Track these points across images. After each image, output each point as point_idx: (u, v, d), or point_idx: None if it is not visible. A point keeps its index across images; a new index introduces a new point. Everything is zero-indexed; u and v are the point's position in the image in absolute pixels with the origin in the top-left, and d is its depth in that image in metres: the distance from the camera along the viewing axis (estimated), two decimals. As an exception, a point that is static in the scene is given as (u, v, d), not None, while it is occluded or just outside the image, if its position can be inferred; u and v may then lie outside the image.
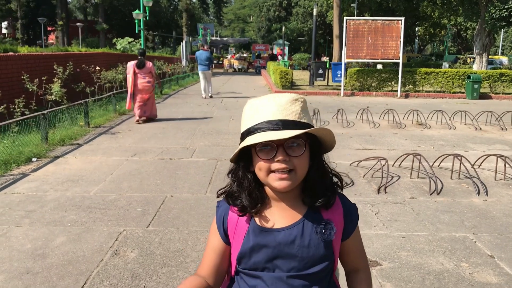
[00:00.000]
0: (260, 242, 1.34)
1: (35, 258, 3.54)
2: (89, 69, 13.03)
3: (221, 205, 1.45)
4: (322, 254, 1.34)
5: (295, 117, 1.28)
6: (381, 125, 10.25)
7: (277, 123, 1.26)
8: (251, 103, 1.34)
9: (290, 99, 1.30)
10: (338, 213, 1.40)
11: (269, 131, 1.25)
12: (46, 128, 7.48)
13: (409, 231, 4.20)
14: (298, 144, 1.27)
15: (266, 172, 1.28)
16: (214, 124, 10.25)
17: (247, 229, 1.37)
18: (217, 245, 1.42)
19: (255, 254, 1.34)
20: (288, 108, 1.28)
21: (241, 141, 1.32)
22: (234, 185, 1.38)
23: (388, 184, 5.60)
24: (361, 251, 1.52)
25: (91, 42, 37.01)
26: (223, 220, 1.41)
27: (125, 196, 5.07)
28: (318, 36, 43.56)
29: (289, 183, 1.27)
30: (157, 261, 3.53)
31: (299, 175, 1.29)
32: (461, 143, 8.40)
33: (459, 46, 48.84)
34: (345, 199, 1.45)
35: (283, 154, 1.26)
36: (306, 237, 1.34)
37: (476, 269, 3.47)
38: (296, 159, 1.27)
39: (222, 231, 1.41)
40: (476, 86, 16.90)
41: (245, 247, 1.35)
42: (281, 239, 1.33)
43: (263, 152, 1.27)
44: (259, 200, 1.36)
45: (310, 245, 1.33)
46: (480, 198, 5.21)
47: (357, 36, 17.28)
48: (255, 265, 1.35)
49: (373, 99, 16.91)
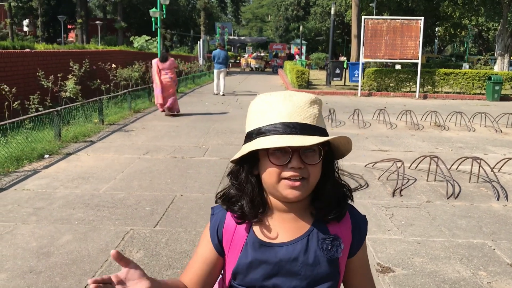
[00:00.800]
0: (259, 258, 1.20)
1: (39, 256, 3.48)
2: (105, 67, 13.07)
3: (216, 212, 1.29)
4: (326, 272, 1.20)
5: (313, 121, 1.14)
6: (398, 126, 10.05)
7: (295, 127, 1.11)
8: (262, 99, 1.19)
9: (309, 100, 1.16)
10: (346, 227, 1.24)
11: (285, 135, 1.11)
12: (59, 125, 7.48)
13: (424, 237, 4.04)
14: (313, 150, 1.14)
15: (276, 178, 1.14)
16: (229, 123, 10.17)
17: (245, 241, 1.22)
18: (208, 255, 1.27)
19: (253, 270, 1.20)
20: (306, 111, 1.14)
21: (247, 140, 1.18)
22: (234, 188, 1.23)
23: (403, 187, 5.44)
24: (368, 272, 1.35)
25: (110, 40, 37.34)
26: (218, 229, 1.26)
27: (135, 195, 5.00)
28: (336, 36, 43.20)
29: (301, 192, 1.14)
30: (162, 262, 3.45)
31: (311, 184, 1.15)
32: (481, 146, 8.16)
33: (480, 47, 47.99)
34: (354, 210, 1.30)
35: (298, 161, 1.11)
36: (311, 254, 1.19)
37: (494, 278, 3.31)
38: (311, 167, 1.13)
39: (216, 241, 1.26)
40: (497, 87, 16.52)
41: (242, 261, 1.21)
42: (282, 256, 1.19)
43: (275, 156, 1.13)
44: (261, 208, 1.21)
45: (314, 262, 1.19)
46: (499, 203, 5.01)
47: (375, 36, 17.04)
48: (252, 282, 1.21)
49: (391, 99, 16.65)
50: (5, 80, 8.81)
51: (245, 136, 1.21)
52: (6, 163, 5.89)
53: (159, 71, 10.96)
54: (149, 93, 13.73)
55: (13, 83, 8.80)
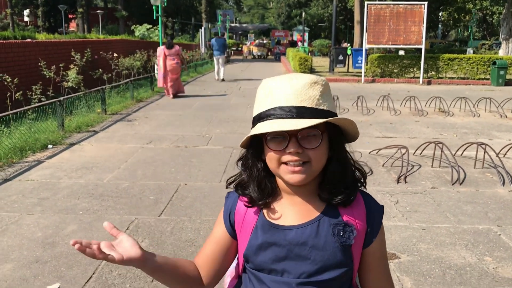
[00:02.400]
0: (268, 240, 1.19)
1: (45, 246, 3.49)
2: (107, 56, 13.03)
3: (230, 196, 1.31)
4: (338, 259, 1.17)
5: (312, 103, 1.11)
6: (402, 113, 9.99)
7: (291, 110, 1.09)
8: (265, 83, 1.17)
9: (308, 82, 1.13)
10: (359, 214, 1.21)
11: (281, 119, 1.09)
12: (62, 115, 7.47)
13: (429, 223, 4.03)
14: (314, 135, 1.11)
15: (276, 163, 1.13)
16: (231, 111, 10.14)
17: (255, 223, 1.22)
18: (220, 237, 1.28)
19: (262, 252, 1.19)
20: (304, 93, 1.11)
21: (252, 126, 1.18)
22: (244, 173, 1.24)
23: (408, 173, 5.42)
24: (385, 270, 1.30)
25: (111, 29, 37.15)
26: (230, 212, 1.28)
27: (139, 184, 5.00)
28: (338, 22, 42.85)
29: (303, 176, 1.12)
30: (167, 251, 3.45)
31: (315, 168, 1.13)
32: (486, 131, 8.11)
33: (484, 32, 47.53)
34: (370, 198, 1.26)
35: (295, 146, 1.09)
36: (321, 238, 1.17)
37: (500, 264, 3.30)
38: (311, 151, 1.11)
39: (228, 223, 1.27)
40: (502, 72, 16.39)
41: (252, 243, 1.21)
42: (291, 238, 1.17)
43: (273, 142, 1.12)
44: (269, 192, 1.20)
45: (325, 248, 1.16)
46: (505, 188, 4.99)
47: (378, 21, 16.88)
48: (261, 265, 1.20)
49: (395, 85, 16.56)
50: (7, 70, 8.79)
51: (252, 120, 1.21)
52: (10, 153, 5.89)
53: (164, 57, 12.05)
54: (151, 82, 13.69)
55: (15, 73, 8.78)
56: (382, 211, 1.27)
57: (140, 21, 30.05)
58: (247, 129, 8.09)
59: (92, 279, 3.03)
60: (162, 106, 10.97)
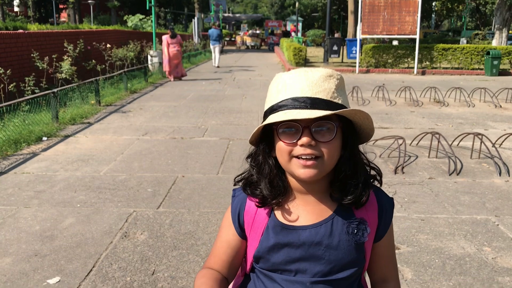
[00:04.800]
0: (281, 241, 1.16)
1: (43, 240, 3.47)
2: (100, 47, 12.91)
3: (237, 195, 1.26)
4: (352, 258, 1.16)
5: (327, 95, 1.08)
6: (397, 103, 10.00)
7: (305, 101, 1.06)
8: (279, 77, 1.15)
9: (324, 75, 1.10)
10: (372, 210, 1.20)
11: (294, 110, 1.06)
12: (56, 107, 7.40)
13: (428, 213, 4.04)
14: (328, 128, 1.08)
15: (287, 157, 1.10)
16: (227, 102, 10.09)
17: (266, 224, 1.18)
18: (231, 238, 1.24)
19: (275, 254, 1.17)
20: (320, 85, 1.09)
21: (263, 120, 1.14)
22: (254, 171, 1.19)
23: (405, 164, 5.42)
24: (392, 257, 1.31)
25: (103, 20, 36.79)
26: (239, 213, 1.23)
27: (136, 176, 4.97)
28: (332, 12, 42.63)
29: (315, 171, 1.08)
30: (167, 243, 3.43)
31: (327, 164, 1.10)
32: (481, 121, 8.14)
33: (477, 22, 47.57)
34: (381, 193, 1.25)
35: (308, 138, 1.06)
36: (335, 237, 1.15)
37: (499, 254, 3.32)
38: (324, 145, 1.07)
39: (237, 224, 1.23)
40: (496, 62, 16.43)
41: (264, 245, 1.18)
42: (306, 239, 1.15)
43: (285, 134, 1.09)
44: (281, 191, 1.17)
45: (339, 247, 1.15)
46: (501, 178, 5.01)
47: (373, 11, 16.83)
48: (274, 266, 1.18)
49: (389, 76, 16.56)
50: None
51: (263, 115, 1.17)
52: (4, 146, 5.83)
53: (168, 45, 13.88)
54: (145, 73, 13.60)
55: (7, 65, 8.67)
56: (393, 204, 1.26)
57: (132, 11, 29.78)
58: (243, 120, 8.11)
59: (92, 272, 3.01)
60: (156, 97, 10.90)
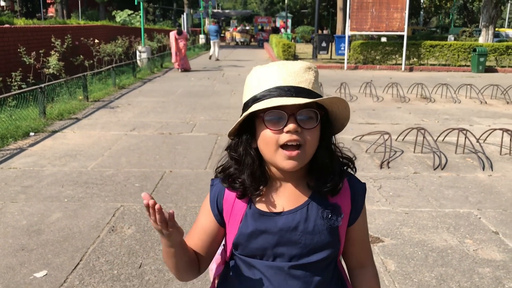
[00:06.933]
0: (259, 228, 1.19)
1: (30, 234, 3.47)
2: (88, 42, 12.83)
3: (216, 184, 1.28)
4: (327, 241, 1.20)
5: (308, 85, 1.12)
6: (384, 99, 10.09)
7: (290, 89, 1.10)
8: (257, 70, 1.17)
9: (304, 67, 1.15)
10: (345, 195, 1.25)
11: (281, 97, 1.09)
12: (44, 102, 7.36)
13: (412, 207, 4.11)
14: (310, 117, 1.12)
15: (274, 146, 1.12)
16: (215, 98, 10.10)
17: (245, 211, 1.21)
18: (208, 225, 1.27)
19: (254, 240, 1.20)
20: (301, 75, 1.13)
21: (244, 111, 1.16)
22: (233, 162, 1.21)
23: (391, 159, 5.50)
24: (367, 242, 1.36)
25: (91, 15, 36.45)
26: (217, 200, 1.26)
27: (123, 172, 4.98)
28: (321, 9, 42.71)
29: (297, 162, 1.12)
30: (154, 237, 3.46)
31: (308, 152, 1.13)
32: (466, 117, 8.25)
33: (465, 19, 47.95)
34: (354, 179, 1.29)
35: (294, 125, 1.09)
36: (311, 222, 1.19)
37: (480, 246, 3.39)
38: (308, 132, 1.11)
39: (216, 211, 1.26)
40: (482, 59, 16.62)
41: (243, 232, 1.21)
42: (282, 225, 1.19)
43: (271, 122, 1.11)
44: (262, 181, 1.19)
45: (314, 231, 1.19)
46: (485, 173, 5.10)
47: (361, 8, 16.91)
48: (253, 252, 1.21)
49: (377, 72, 16.67)
50: (-14, 57, 8.61)
51: (242, 108, 1.19)
52: (-9, 141, 5.80)
53: (176, 40, 15.66)
54: (133, 69, 13.55)
55: (-7, 60, 8.59)
56: (365, 189, 1.31)
57: (121, 7, 29.55)
58: (231, 116, 8.12)
59: (80, 265, 3.03)
60: (145, 92, 10.88)
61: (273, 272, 1.20)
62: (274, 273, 1.20)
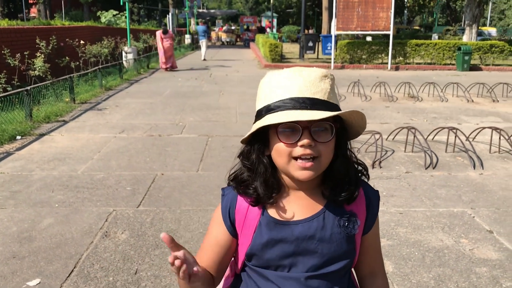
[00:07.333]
0: (275, 237, 1.16)
1: (21, 241, 3.39)
2: (73, 43, 12.66)
3: (227, 193, 1.24)
4: (344, 250, 1.18)
5: (324, 96, 1.09)
6: (372, 98, 10.12)
7: (305, 101, 1.06)
8: (271, 76, 1.14)
9: (320, 75, 1.11)
10: (360, 203, 1.22)
11: (295, 110, 1.06)
12: (30, 105, 7.24)
13: (406, 207, 4.12)
14: (325, 128, 1.09)
15: (287, 158, 1.10)
16: (204, 99, 10.04)
17: (259, 220, 1.18)
18: (221, 237, 1.23)
19: (269, 250, 1.17)
20: (317, 85, 1.09)
21: (257, 118, 1.13)
22: (246, 169, 1.18)
23: (382, 159, 5.51)
24: (379, 250, 1.34)
25: (75, 15, 36.03)
26: (230, 211, 1.22)
27: (114, 175, 4.91)
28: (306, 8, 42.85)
29: (313, 173, 1.10)
30: (149, 242, 3.41)
31: (324, 163, 1.11)
32: (454, 116, 8.32)
33: (448, 17, 48.51)
34: (367, 186, 1.27)
35: (309, 138, 1.07)
36: (327, 230, 1.17)
37: (476, 245, 3.41)
38: (323, 145, 1.08)
39: (229, 222, 1.22)
40: (467, 57, 16.80)
41: (257, 242, 1.17)
42: (299, 233, 1.16)
43: (285, 134, 1.08)
44: (275, 189, 1.17)
45: (331, 240, 1.16)
46: (476, 171, 5.14)
47: (347, 8, 16.97)
48: (268, 262, 1.18)
49: (364, 71, 16.75)
50: (-31, 59, 8.44)
51: (255, 114, 1.17)
52: (-23, 146, 5.68)
53: (161, 40, 15.79)
54: (120, 70, 13.41)
55: (-23, 62, 8.43)
56: (379, 197, 1.29)
57: (105, 7, 29.26)
58: (221, 117, 8.08)
59: (74, 273, 2.97)
60: (132, 94, 10.77)
61: (288, 283, 1.17)
62: (289, 284, 1.17)
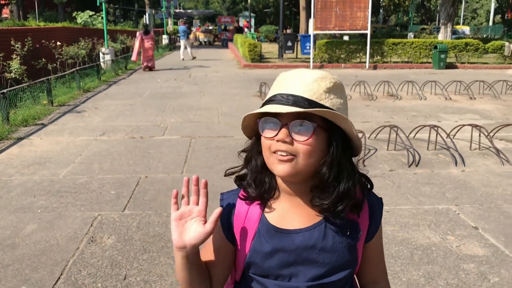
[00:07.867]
0: (275, 246, 1.13)
1: (4, 249, 3.30)
2: (50, 45, 12.41)
3: (225, 198, 1.22)
4: (346, 259, 1.15)
5: (312, 96, 1.06)
6: (352, 97, 10.20)
7: (288, 97, 1.05)
8: (282, 74, 1.14)
9: (316, 76, 1.09)
10: (363, 211, 1.19)
11: (277, 105, 1.06)
12: (6, 108, 7.06)
13: (392, 205, 4.15)
14: (306, 127, 1.05)
15: (267, 152, 1.09)
16: (185, 99, 9.97)
17: (257, 227, 1.15)
18: (220, 244, 1.20)
19: (269, 259, 1.14)
20: (308, 85, 1.07)
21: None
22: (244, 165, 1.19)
23: (366, 157, 5.55)
24: (382, 258, 1.31)
25: (49, 16, 35.37)
26: (228, 216, 1.19)
27: (97, 178, 4.82)
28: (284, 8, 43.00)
29: (290, 169, 1.06)
30: (136, 247, 3.35)
31: (301, 164, 1.06)
32: (433, 114, 8.44)
33: (422, 17, 49.25)
34: (371, 194, 1.23)
35: (284, 134, 1.05)
36: (329, 240, 1.14)
37: (462, 242, 3.45)
38: (300, 144, 1.05)
39: (226, 229, 1.20)
40: (443, 56, 17.07)
41: (256, 250, 1.15)
42: (299, 243, 1.13)
43: (267, 129, 1.09)
44: (266, 189, 1.14)
45: (333, 249, 1.14)
46: (458, 168, 5.22)
47: (325, 7, 17.06)
48: (267, 271, 1.15)
49: (343, 71, 16.87)
50: None
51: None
52: (-48, 151, 5.51)
53: (142, 40, 15.92)
54: (97, 71, 13.21)
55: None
56: (382, 204, 1.26)
57: (80, 8, 28.82)
58: (203, 118, 8.03)
59: (61, 280, 2.90)
60: (111, 95, 10.62)
61: None
62: None
